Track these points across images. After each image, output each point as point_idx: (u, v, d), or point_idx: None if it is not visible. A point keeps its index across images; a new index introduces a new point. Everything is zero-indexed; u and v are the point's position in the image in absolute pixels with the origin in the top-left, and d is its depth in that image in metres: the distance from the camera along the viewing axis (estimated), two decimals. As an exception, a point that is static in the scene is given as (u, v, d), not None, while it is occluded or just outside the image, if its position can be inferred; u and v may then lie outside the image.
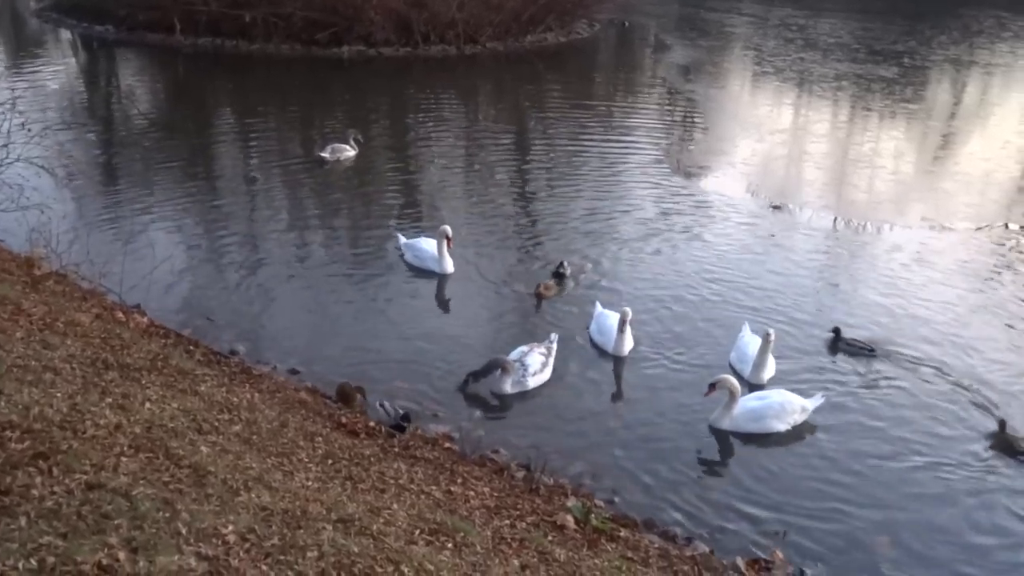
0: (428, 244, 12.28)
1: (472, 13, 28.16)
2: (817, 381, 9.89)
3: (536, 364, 9.55)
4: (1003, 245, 14.27)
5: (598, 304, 10.84)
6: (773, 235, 14.20)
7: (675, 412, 9.25)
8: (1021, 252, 14.02)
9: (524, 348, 9.75)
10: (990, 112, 24.79)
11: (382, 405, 8.57)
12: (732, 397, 8.88)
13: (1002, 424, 9.14)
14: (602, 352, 10.27)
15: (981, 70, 30.21)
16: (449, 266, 12.11)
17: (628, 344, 10.14)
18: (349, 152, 17.05)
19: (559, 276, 11.91)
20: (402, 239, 12.74)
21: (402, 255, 12.57)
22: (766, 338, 9.74)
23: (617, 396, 9.64)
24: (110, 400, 5.94)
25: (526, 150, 19.05)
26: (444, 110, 22.59)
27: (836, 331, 10.80)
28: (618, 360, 10.10)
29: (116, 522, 4.22)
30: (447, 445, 8.14)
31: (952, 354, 10.64)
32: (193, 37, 27.29)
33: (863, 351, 10.58)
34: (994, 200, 16.66)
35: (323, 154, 16.84)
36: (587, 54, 32.00)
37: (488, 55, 28.37)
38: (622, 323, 9.98)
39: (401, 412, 8.46)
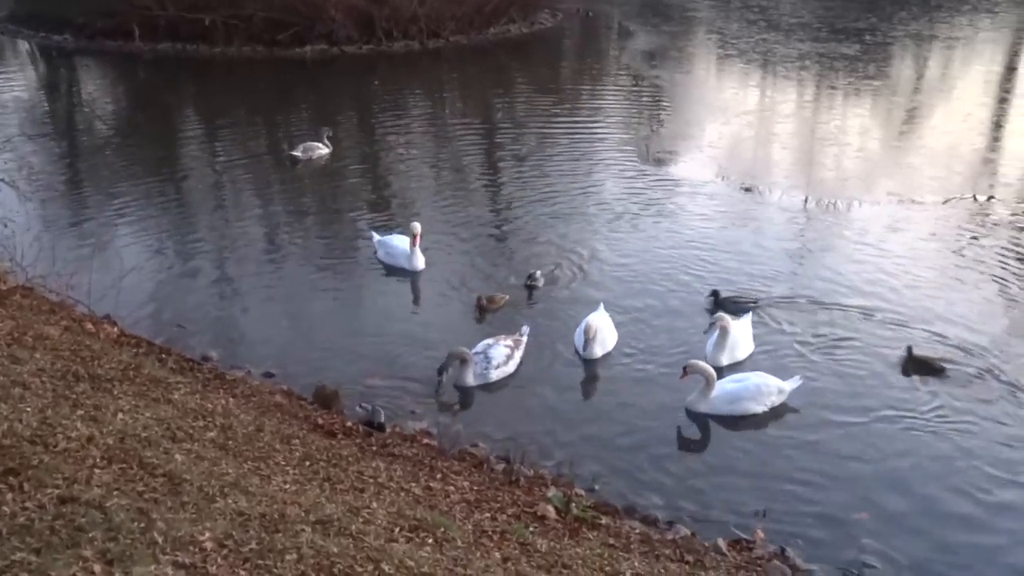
0: (400, 241, 12.23)
1: (434, 7, 28.07)
2: (796, 362, 9.93)
3: (500, 356, 9.52)
4: (971, 217, 14.42)
5: (601, 305, 10.56)
6: (745, 218, 14.27)
7: (653, 397, 9.26)
8: (985, 222, 14.18)
9: (489, 340, 9.71)
10: (952, 85, 25.01)
11: (362, 407, 8.53)
12: (708, 380, 8.91)
13: (909, 349, 9.76)
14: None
15: (942, 44, 30.47)
16: (420, 263, 12.05)
17: (598, 351, 9.90)
18: (322, 150, 16.98)
19: (530, 288, 11.54)
20: (375, 236, 12.68)
21: (375, 252, 12.52)
22: (715, 324, 9.86)
23: (596, 385, 9.62)
24: (81, 412, 5.89)
25: (495, 142, 19.02)
26: (411, 106, 22.53)
27: (715, 294, 10.95)
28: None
29: (90, 535, 4.18)
30: (425, 441, 8.11)
31: (919, 318, 10.80)
32: (152, 43, 27.06)
33: (747, 304, 10.81)
34: (959, 172, 16.79)
35: (296, 153, 16.78)
36: (551, 44, 31.99)
37: (452, 49, 28.30)
38: (588, 335, 9.77)
39: (382, 416, 8.37)
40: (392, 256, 12.21)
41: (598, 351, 9.92)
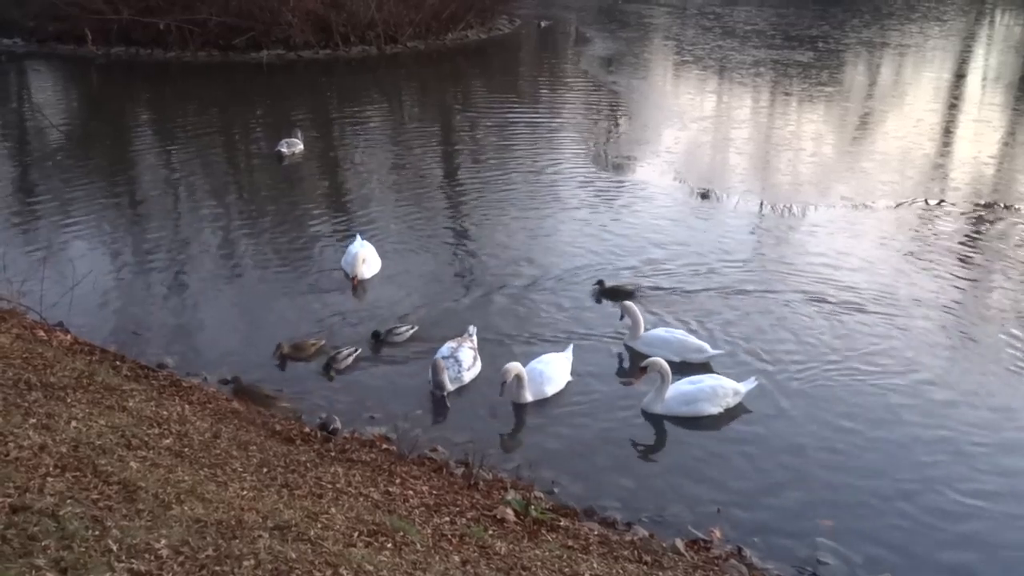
0: (357, 247, 12.15)
1: (391, 12, 28.05)
2: (753, 366, 10.03)
3: (469, 358, 9.51)
4: (921, 220, 14.70)
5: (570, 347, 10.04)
6: (702, 222, 14.42)
7: (609, 399, 9.33)
8: (935, 225, 14.46)
9: (452, 344, 9.62)
10: (903, 92, 25.46)
11: (320, 418, 8.45)
12: (664, 380, 8.97)
13: (600, 282, 11.45)
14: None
15: (893, 51, 31.04)
16: (366, 272, 11.95)
17: (528, 396, 9.20)
18: (301, 146, 17.32)
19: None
20: (358, 238, 12.49)
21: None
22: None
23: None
24: (34, 421, 5.81)
25: (452, 148, 19.04)
26: (370, 111, 22.46)
27: (376, 335, 10.32)
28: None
29: (43, 543, 4.14)
30: (384, 446, 8.09)
31: (873, 316, 10.98)
32: (105, 47, 26.75)
33: (405, 332, 10.32)
34: (910, 177, 17.11)
35: (281, 149, 17.08)
36: (509, 50, 32.10)
37: (410, 54, 28.30)
38: (514, 380, 9.06)
39: (332, 425, 8.25)
40: (346, 262, 12.13)
41: (528, 396, 9.23)
